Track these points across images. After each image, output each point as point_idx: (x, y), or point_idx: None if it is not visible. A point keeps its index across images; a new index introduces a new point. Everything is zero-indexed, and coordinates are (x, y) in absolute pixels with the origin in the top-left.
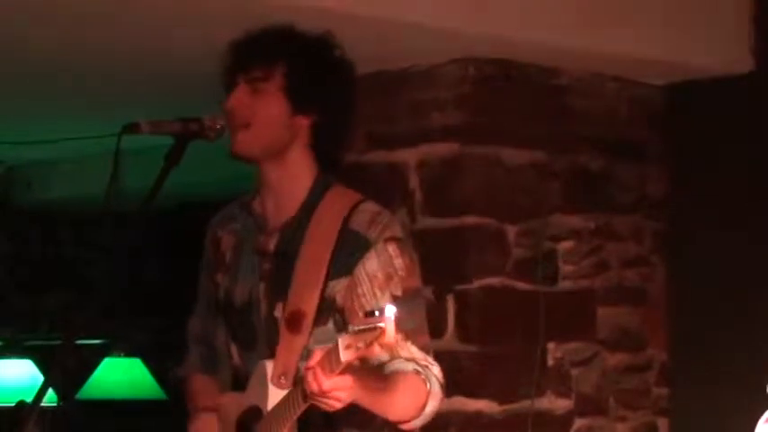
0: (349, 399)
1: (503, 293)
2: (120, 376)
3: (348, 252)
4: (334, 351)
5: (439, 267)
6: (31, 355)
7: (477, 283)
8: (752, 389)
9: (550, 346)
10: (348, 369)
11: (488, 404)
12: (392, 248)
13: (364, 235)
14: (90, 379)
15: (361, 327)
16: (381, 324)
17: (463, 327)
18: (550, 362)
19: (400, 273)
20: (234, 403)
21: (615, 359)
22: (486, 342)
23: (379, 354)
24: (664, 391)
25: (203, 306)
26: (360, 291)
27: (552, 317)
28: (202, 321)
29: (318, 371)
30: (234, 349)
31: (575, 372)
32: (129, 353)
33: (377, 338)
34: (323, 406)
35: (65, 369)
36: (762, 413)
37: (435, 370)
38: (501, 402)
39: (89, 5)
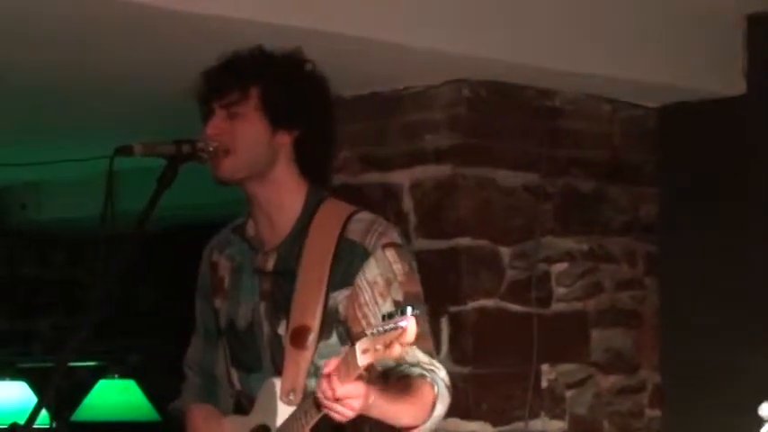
0: (360, 408)
1: (497, 315)
2: (114, 398)
3: (347, 263)
4: (351, 356)
5: (433, 289)
6: (25, 377)
7: (471, 305)
8: (744, 410)
9: (544, 367)
10: (360, 378)
11: (482, 426)
12: (390, 254)
13: (362, 244)
14: (84, 401)
15: (381, 328)
16: (403, 323)
17: (457, 348)
18: (544, 384)
19: (399, 278)
20: (239, 425)
21: (609, 381)
22: (480, 364)
23: (386, 360)
24: (657, 412)
25: (201, 335)
26: (362, 299)
27: (546, 339)
28: (201, 351)
29: (334, 377)
30: (234, 374)
31: (568, 394)
32: (124, 375)
33: (398, 338)
34: (335, 416)
35: (58, 391)
36: None
37: (442, 373)
38: (495, 424)
39: (83, 29)
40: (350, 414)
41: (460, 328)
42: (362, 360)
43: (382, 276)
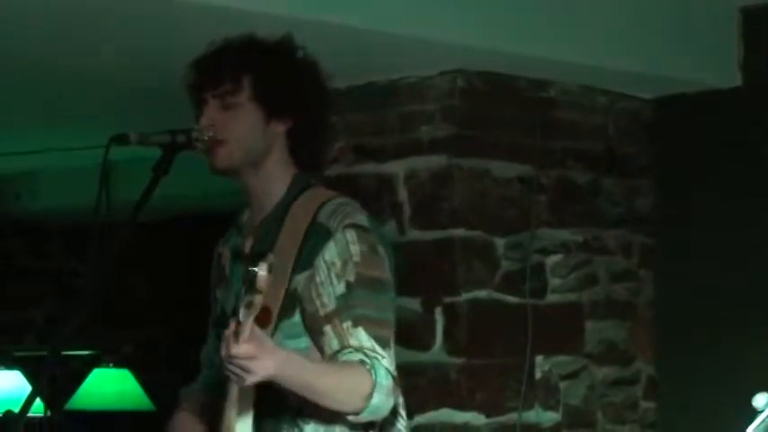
0: (263, 372)
1: (491, 306)
2: (108, 387)
3: (312, 244)
4: (241, 315)
5: (427, 280)
6: (19, 366)
7: (465, 296)
8: (738, 402)
9: (538, 359)
10: (254, 340)
11: (476, 416)
12: (350, 235)
13: (326, 225)
14: (79, 390)
15: (246, 283)
16: (255, 268)
17: (451, 339)
18: (538, 375)
19: (355, 259)
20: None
21: (603, 373)
22: (474, 354)
23: (328, 342)
24: (651, 404)
25: (210, 325)
26: (318, 279)
27: (540, 330)
28: (210, 342)
29: (231, 339)
30: None
31: (562, 385)
32: (118, 364)
33: (252, 283)
34: (235, 379)
35: (53, 380)
36: (747, 426)
37: (385, 362)
38: (488, 415)
39: (79, 14)
40: (245, 376)
41: (454, 319)
42: (244, 315)
43: (340, 257)
